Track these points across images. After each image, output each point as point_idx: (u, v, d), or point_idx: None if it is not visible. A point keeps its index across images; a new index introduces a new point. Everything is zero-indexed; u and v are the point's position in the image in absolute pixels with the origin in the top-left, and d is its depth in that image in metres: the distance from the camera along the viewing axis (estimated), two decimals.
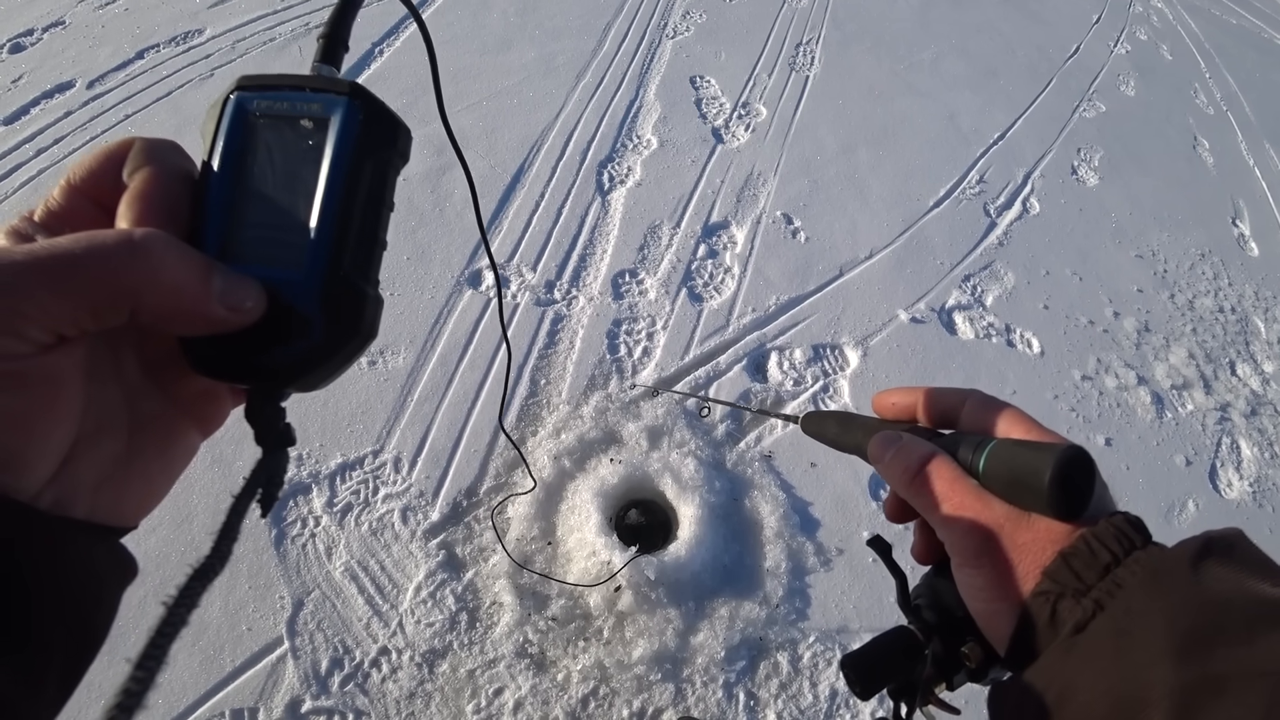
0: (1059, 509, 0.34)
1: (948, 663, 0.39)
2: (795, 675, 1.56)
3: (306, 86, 0.29)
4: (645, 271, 2.23)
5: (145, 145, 0.28)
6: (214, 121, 0.30)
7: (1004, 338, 2.36)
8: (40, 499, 0.25)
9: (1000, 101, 3.44)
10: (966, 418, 0.42)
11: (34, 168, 2.20)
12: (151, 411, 0.30)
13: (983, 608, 0.36)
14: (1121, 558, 0.32)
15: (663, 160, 2.58)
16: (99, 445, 0.27)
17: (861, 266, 2.43)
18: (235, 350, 0.29)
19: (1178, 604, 0.30)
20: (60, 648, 0.25)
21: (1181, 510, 2.08)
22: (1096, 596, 0.32)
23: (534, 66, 2.83)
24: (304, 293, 0.29)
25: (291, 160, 0.29)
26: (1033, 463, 0.34)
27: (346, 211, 0.29)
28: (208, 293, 0.26)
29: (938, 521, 0.38)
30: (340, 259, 0.29)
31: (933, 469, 0.38)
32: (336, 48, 0.32)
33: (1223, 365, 2.56)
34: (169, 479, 0.31)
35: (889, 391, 0.46)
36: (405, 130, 0.31)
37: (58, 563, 0.24)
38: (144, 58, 2.61)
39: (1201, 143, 3.71)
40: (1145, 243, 2.96)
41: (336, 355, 0.30)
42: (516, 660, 1.49)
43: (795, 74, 3.20)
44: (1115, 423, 2.24)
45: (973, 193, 2.87)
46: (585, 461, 1.75)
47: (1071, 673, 0.31)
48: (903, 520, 0.44)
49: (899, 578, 0.45)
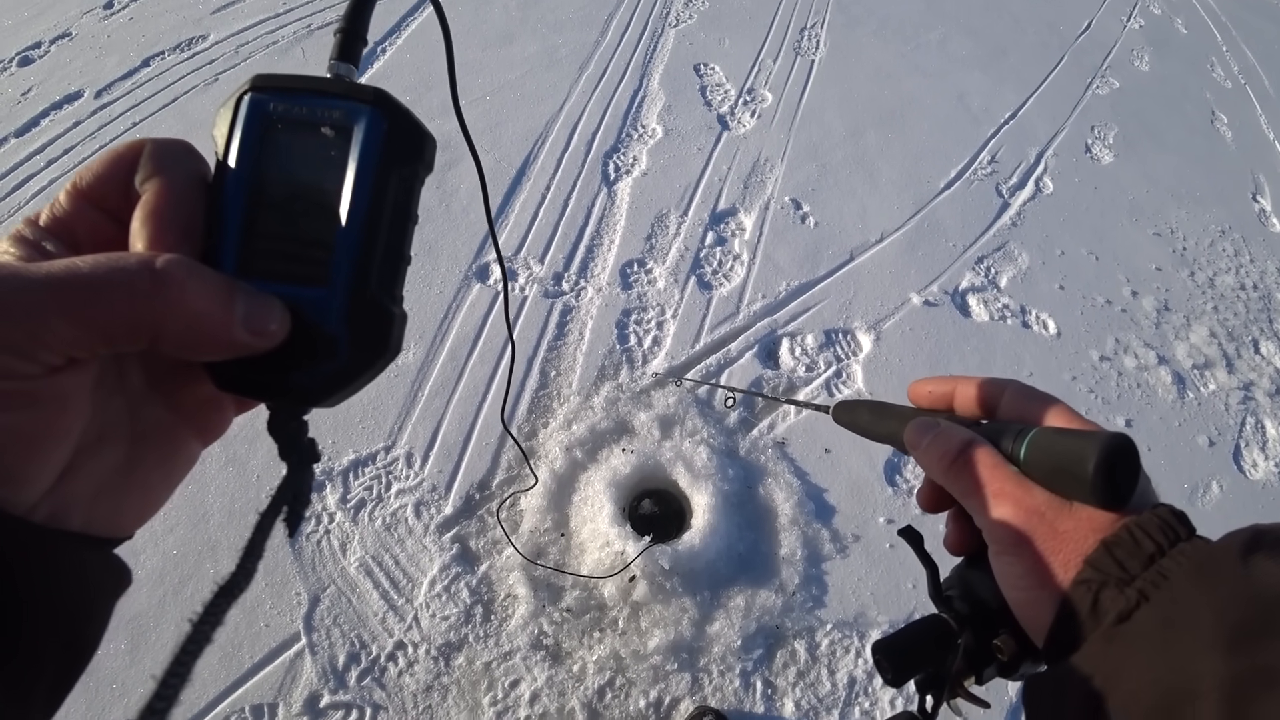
0: (1103, 497, 0.33)
1: (979, 655, 0.39)
2: (813, 663, 1.54)
3: (328, 90, 0.28)
4: (653, 261, 2.22)
5: (156, 149, 0.27)
6: (227, 123, 0.28)
7: (1019, 319, 2.33)
8: (35, 512, 0.24)
9: (1011, 80, 3.38)
10: (1006, 407, 0.41)
11: (45, 178, 2.22)
12: (153, 420, 0.29)
13: (1021, 596, 0.36)
14: (1166, 548, 0.32)
15: (668, 149, 2.56)
16: (99, 456, 0.27)
17: (872, 250, 2.40)
18: (260, 369, 0.28)
19: (1226, 596, 0.29)
20: (51, 659, 0.24)
21: (1205, 492, 2.04)
22: (1141, 586, 0.31)
23: (537, 59, 2.82)
24: (330, 312, 0.28)
25: (313, 170, 0.28)
26: (1077, 450, 0.33)
27: (373, 227, 0.28)
28: (231, 319, 0.25)
29: (976, 508, 0.37)
30: (367, 277, 0.28)
31: (972, 454, 0.37)
32: (355, 43, 0.31)
33: (1245, 343, 2.51)
34: (168, 488, 0.30)
35: (924, 380, 0.45)
36: (432, 141, 0.30)
37: (51, 575, 0.24)
38: (150, 65, 2.63)
39: (1220, 117, 3.63)
40: (1163, 220, 2.90)
41: (362, 374, 0.29)
42: (532, 652, 1.49)
43: (800, 58, 3.16)
44: (1135, 404, 2.20)
45: (984, 173, 2.82)
46: (597, 452, 1.74)
47: (1116, 662, 0.30)
48: (937, 510, 0.43)
49: (931, 568, 0.43)
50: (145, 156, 0.27)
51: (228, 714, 1.37)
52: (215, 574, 1.53)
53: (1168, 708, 0.28)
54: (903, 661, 0.40)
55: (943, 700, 0.40)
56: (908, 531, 0.46)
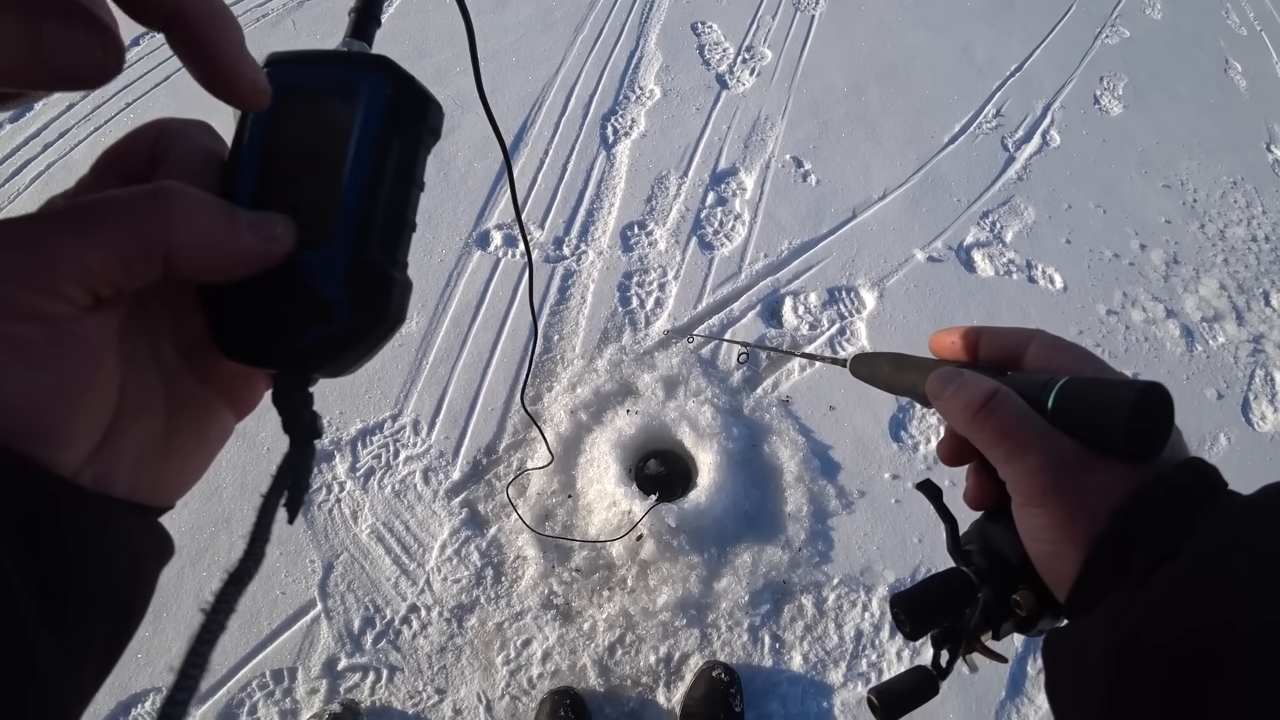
0: (1136, 445, 0.32)
1: (997, 610, 0.38)
2: (820, 617, 1.56)
3: (335, 61, 0.29)
4: (654, 223, 2.19)
5: (176, 126, 0.29)
6: None
7: (1025, 274, 2.30)
8: (81, 475, 0.24)
9: (1016, 31, 3.29)
10: (1032, 358, 0.40)
11: (43, 162, 2.20)
12: (188, 393, 0.30)
13: (1046, 549, 0.35)
14: (1198, 501, 0.31)
15: (667, 110, 2.52)
16: (138, 425, 0.27)
17: (875, 207, 2.37)
18: (261, 332, 0.28)
19: (1259, 548, 0.28)
20: (101, 626, 0.24)
21: (1214, 444, 2.03)
22: (1171, 539, 0.30)
23: (531, 23, 2.77)
24: (329, 274, 0.28)
25: (318, 137, 0.28)
26: (1109, 399, 0.33)
27: (373, 190, 0.28)
28: (237, 225, 0.26)
29: (1001, 458, 0.36)
30: (367, 240, 0.28)
31: (998, 402, 0.36)
32: (368, 22, 0.31)
33: (1256, 296, 2.47)
34: (205, 459, 0.31)
35: (946, 331, 0.44)
36: (436, 105, 0.30)
37: (100, 540, 0.24)
38: (140, 44, 2.59)
39: (1234, 66, 3.53)
40: (1173, 172, 2.84)
41: (363, 340, 0.29)
42: (543, 612, 1.51)
43: (800, 14, 3.08)
44: (1143, 357, 2.18)
45: (989, 127, 2.77)
46: (602, 414, 1.75)
47: (1143, 616, 0.29)
48: (958, 463, 0.42)
49: (950, 523, 0.43)
50: (164, 132, 0.28)
51: (249, 679, 1.40)
52: (230, 544, 1.56)
53: (1198, 660, 0.27)
54: (921, 615, 0.39)
55: (958, 655, 0.40)
56: (926, 485, 0.45)
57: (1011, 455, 0.35)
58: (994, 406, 0.36)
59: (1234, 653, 0.25)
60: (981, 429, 0.37)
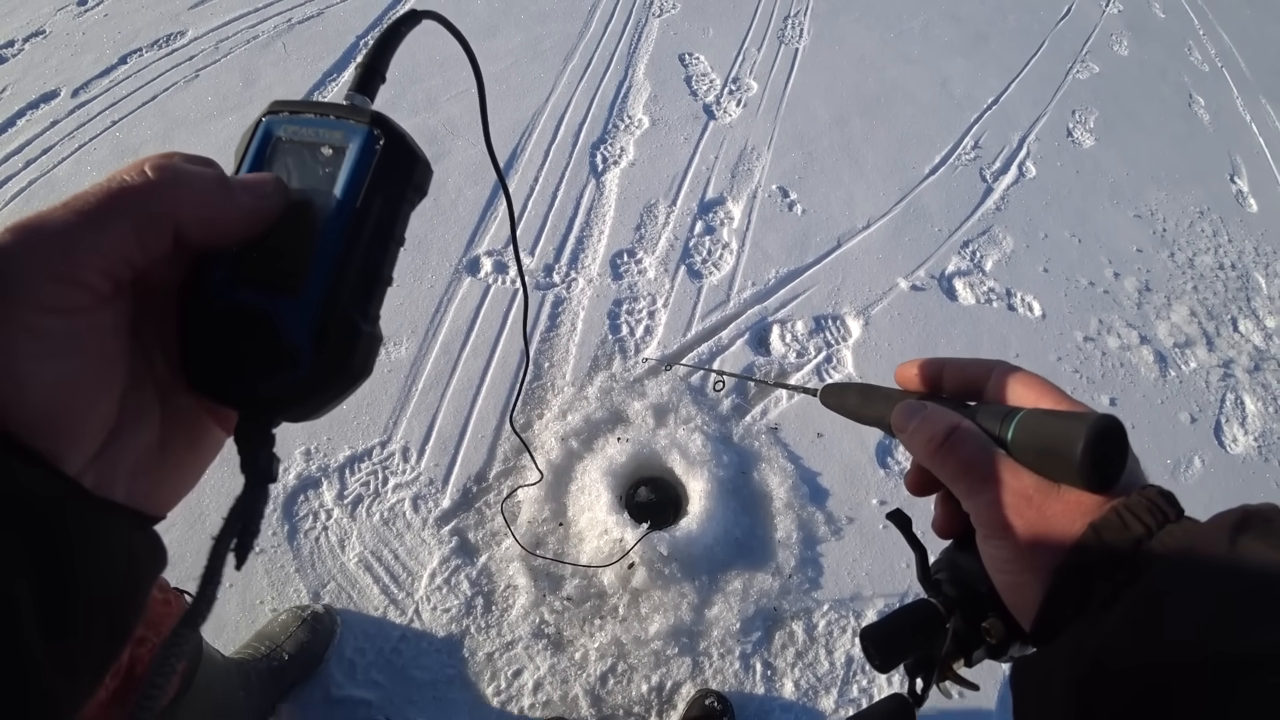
0: (1091, 479, 0.33)
1: (968, 638, 0.39)
2: (811, 644, 1.57)
3: (332, 114, 0.30)
4: (643, 251, 2.22)
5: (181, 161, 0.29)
6: (244, 144, 0.30)
7: (1005, 302, 2.36)
8: (83, 477, 0.25)
9: (993, 66, 3.41)
10: (992, 389, 0.41)
11: (24, 179, 2.18)
12: (180, 406, 0.30)
13: (1009, 580, 0.35)
14: (1155, 530, 0.31)
15: (655, 139, 2.56)
16: (136, 432, 0.28)
17: (859, 236, 2.42)
18: (226, 371, 0.29)
19: (1214, 577, 0.29)
20: (99, 634, 0.25)
21: (1188, 467, 2.08)
22: (1130, 569, 0.31)
23: (521, 51, 2.81)
24: (299, 322, 0.28)
25: (306, 187, 0.29)
26: (1064, 432, 0.33)
27: (350, 244, 0.29)
28: (232, 189, 0.27)
29: (963, 491, 0.37)
30: (338, 292, 0.28)
31: (959, 438, 0.37)
32: (372, 78, 0.32)
33: (1225, 322, 2.56)
34: (198, 471, 0.32)
35: (911, 363, 0.45)
36: (424, 164, 0.31)
37: (102, 543, 0.24)
38: (127, 62, 2.59)
39: (1197, 100, 3.68)
40: (1143, 202, 2.94)
41: (326, 390, 0.29)
42: (534, 641, 1.50)
43: (785, 46, 3.17)
44: (1119, 382, 2.24)
45: (968, 159, 2.85)
46: (593, 442, 1.75)
47: (1103, 644, 0.29)
48: (925, 493, 0.43)
49: (919, 552, 0.44)
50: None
51: None
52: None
53: (1155, 689, 0.27)
54: (889, 648, 0.40)
55: (932, 683, 0.41)
56: (896, 515, 0.46)
57: (973, 489, 0.36)
58: (955, 441, 0.37)
59: (1189, 685, 0.26)
60: (944, 463, 0.38)
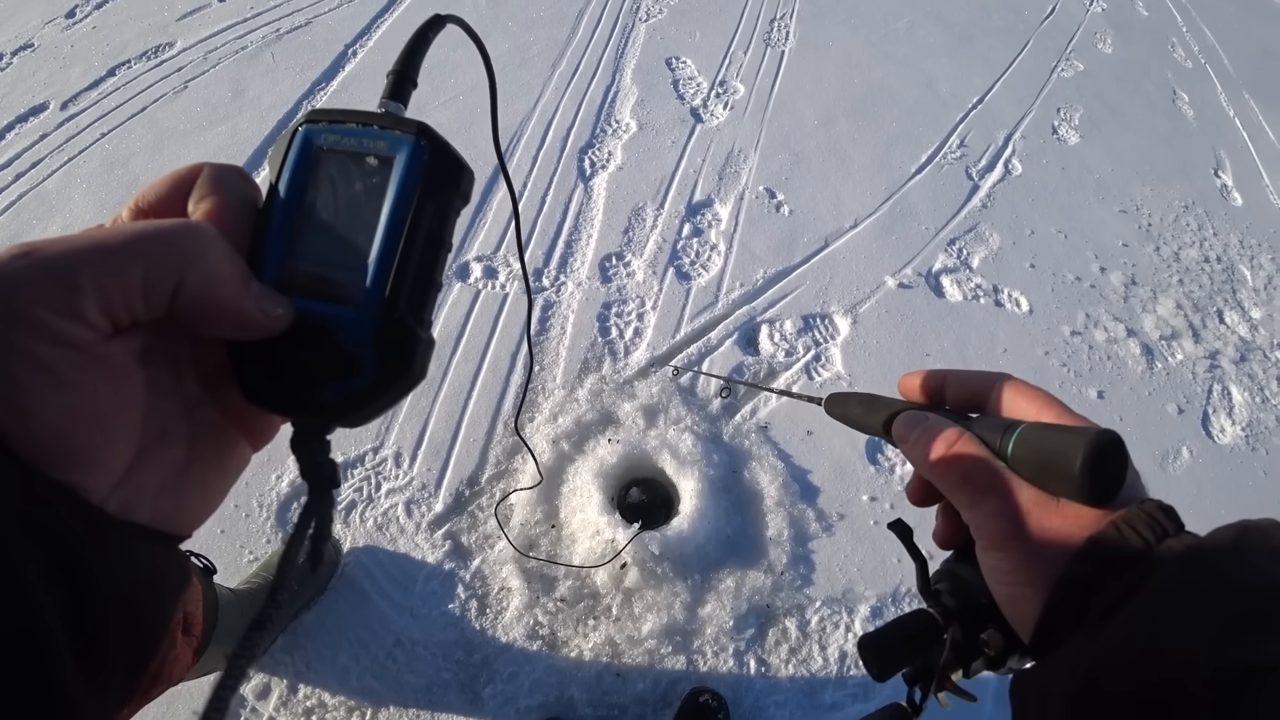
0: (1090, 494, 0.33)
1: (966, 649, 0.39)
2: (804, 640, 1.58)
3: (374, 123, 0.30)
4: (632, 254, 2.24)
5: (213, 172, 0.29)
6: (282, 153, 0.30)
7: (992, 298, 2.38)
8: (108, 503, 0.25)
9: (978, 65, 3.44)
10: (994, 401, 0.41)
11: (14, 192, 2.19)
12: (208, 423, 0.30)
13: (1008, 592, 0.36)
14: (1154, 544, 0.32)
15: (643, 143, 2.58)
16: (161, 453, 0.28)
17: (847, 236, 2.44)
18: (286, 382, 0.29)
19: (1214, 590, 0.29)
20: (125, 653, 0.25)
21: (1176, 458, 2.10)
22: (1128, 582, 0.31)
23: (509, 58, 2.83)
24: (357, 331, 0.29)
25: (354, 196, 0.29)
26: (1064, 446, 0.33)
27: (406, 252, 0.29)
28: (246, 290, 0.27)
29: (963, 503, 0.37)
30: (396, 299, 0.29)
31: (959, 450, 0.37)
32: (405, 85, 0.33)
33: (1210, 314, 2.58)
34: (223, 489, 0.32)
35: (914, 374, 0.46)
36: (469, 172, 0.32)
37: (126, 566, 0.25)
38: (116, 74, 2.60)
39: (1181, 96, 3.72)
40: (1129, 197, 2.97)
41: (385, 395, 0.30)
42: (529, 642, 1.51)
43: (771, 49, 3.19)
44: (1106, 375, 2.26)
45: (954, 157, 2.87)
46: (584, 444, 1.76)
47: (1101, 658, 0.29)
48: (925, 503, 0.43)
49: (920, 562, 0.44)
50: (203, 179, 0.29)
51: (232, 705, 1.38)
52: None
53: (1156, 704, 0.27)
54: (887, 657, 0.40)
55: (930, 693, 0.41)
56: (897, 525, 0.46)
57: (974, 501, 0.37)
58: (956, 453, 0.38)
59: (1189, 700, 0.26)
60: (945, 475, 0.38)
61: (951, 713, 0.45)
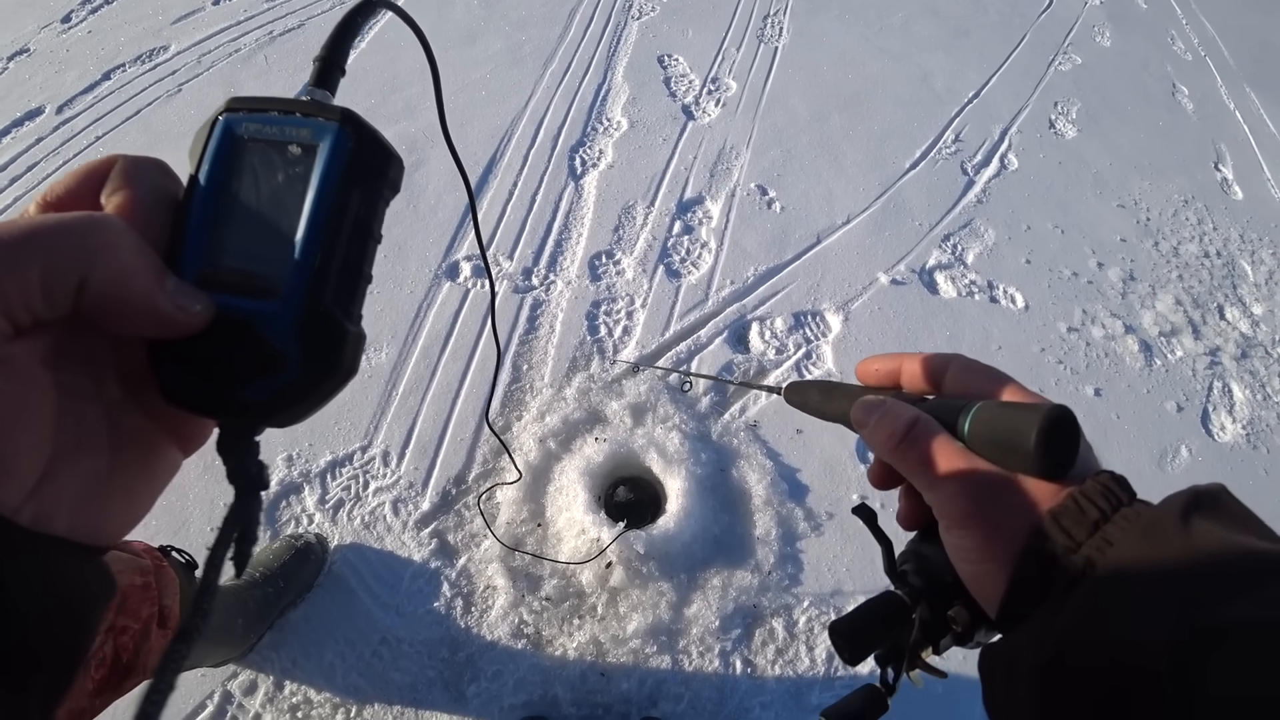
0: (1044, 468, 0.34)
1: (935, 627, 0.40)
2: (791, 640, 1.57)
3: (297, 110, 0.29)
4: (621, 252, 2.23)
5: (127, 165, 0.28)
6: (201, 143, 0.29)
7: (987, 294, 2.36)
8: (19, 514, 0.24)
9: (973, 60, 3.41)
10: (950, 382, 0.42)
11: (9, 196, 2.20)
12: (133, 428, 0.29)
13: (972, 569, 0.36)
14: (1110, 514, 0.32)
15: (634, 141, 2.57)
16: (78, 461, 0.27)
17: (839, 232, 2.42)
18: (207, 381, 0.28)
19: (1171, 557, 0.30)
20: (47, 668, 0.24)
21: (1175, 456, 2.08)
22: (1087, 553, 0.32)
23: (501, 57, 2.83)
24: (280, 326, 0.27)
25: (276, 187, 0.28)
26: (1017, 423, 0.34)
27: (330, 243, 0.28)
28: (159, 285, 0.26)
29: (924, 484, 0.38)
30: (321, 292, 0.28)
31: (917, 432, 0.38)
32: (332, 71, 0.32)
33: (1210, 310, 2.55)
34: (151, 496, 0.30)
35: (872, 359, 0.46)
36: (398, 160, 0.31)
37: (44, 580, 0.24)
38: (111, 78, 2.61)
39: (1180, 89, 3.68)
40: (1127, 192, 2.94)
41: (313, 392, 0.29)
42: (514, 641, 1.51)
43: (764, 46, 3.18)
44: (1104, 372, 2.24)
45: (949, 152, 2.85)
46: (571, 442, 1.76)
47: (1065, 629, 0.30)
48: (888, 486, 0.44)
49: (885, 544, 0.45)
50: (116, 171, 0.28)
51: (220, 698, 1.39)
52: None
53: (1118, 670, 0.28)
54: (857, 640, 0.41)
55: (902, 672, 0.42)
56: (861, 509, 0.47)
57: (933, 482, 0.37)
58: (914, 436, 0.38)
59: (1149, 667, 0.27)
60: (903, 457, 0.39)
61: None
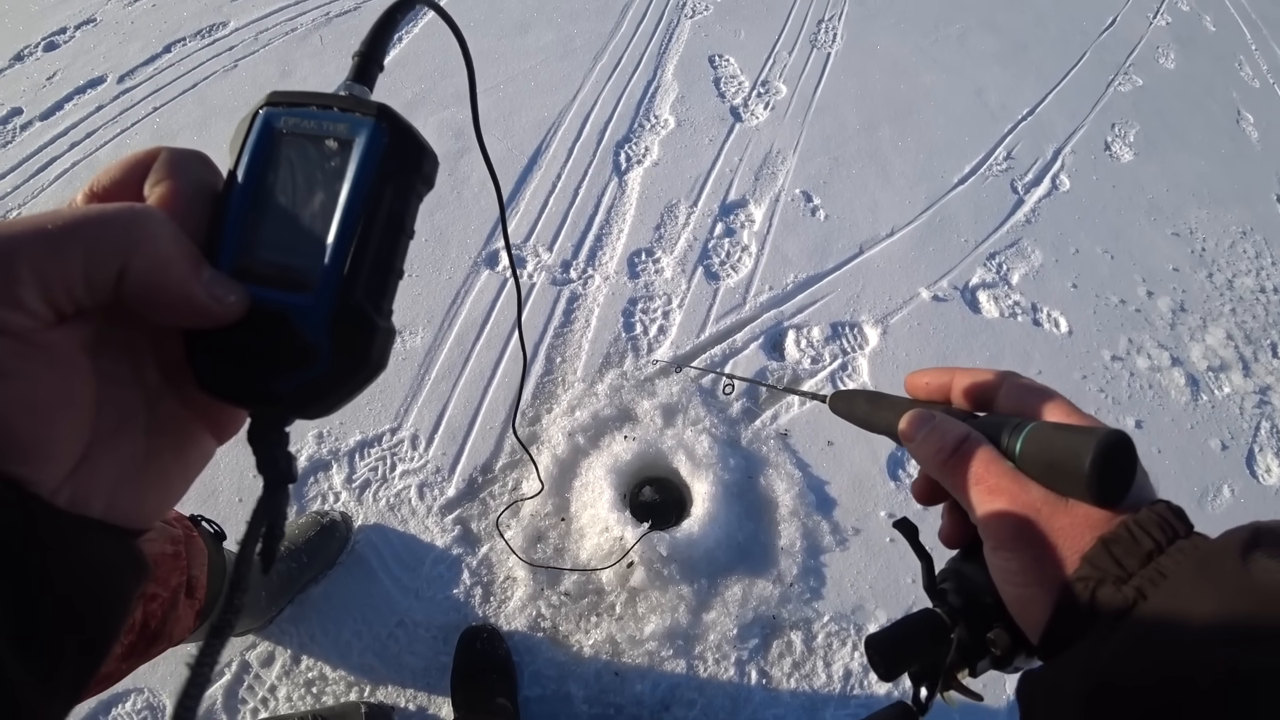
0: (1099, 494, 0.33)
1: (973, 649, 0.39)
2: (809, 654, 1.55)
3: (335, 105, 0.29)
4: (661, 250, 2.22)
5: (170, 157, 0.28)
6: (241, 136, 0.29)
7: (1030, 317, 2.30)
8: (58, 496, 0.25)
9: (1030, 76, 3.33)
10: (1003, 400, 0.41)
11: (68, 160, 2.26)
12: (169, 415, 0.30)
13: (1017, 593, 0.35)
14: (1165, 545, 0.31)
15: (680, 140, 2.56)
16: (116, 445, 0.27)
17: (882, 244, 2.38)
18: (240, 371, 0.28)
19: (1227, 593, 0.28)
20: (75, 650, 0.25)
21: (1216, 495, 2.01)
22: (1139, 584, 0.31)
23: (552, 49, 2.83)
24: (313, 319, 0.28)
25: (312, 181, 0.28)
26: (1073, 446, 0.33)
27: (364, 238, 0.28)
28: (196, 275, 0.26)
29: (971, 503, 0.37)
30: (353, 287, 0.28)
31: (968, 449, 0.37)
32: (370, 67, 0.32)
33: (1263, 347, 2.46)
34: (185, 482, 0.31)
35: (922, 371, 0.45)
36: (432, 155, 0.31)
37: (77, 561, 0.24)
38: (171, 51, 2.67)
39: (1246, 117, 3.56)
40: (1182, 220, 2.85)
41: (342, 386, 0.29)
42: (530, 635, 1.51)
43: (816, 51, 3.14)
44: (1147, 404, 2.17)
45: (1000, 169, 2.79)
46: (599, 438, 1.75)
47: (1112, 660, 0.29)
48: (932, 503, 0.43)
49: (925, 561, 0.44)
50: (159, 163, 0.28)
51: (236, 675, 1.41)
52: None
53: (1167, 706, 0.27)
54: (895, 657, 0.40)
55: (936, 692, 0.41)
56: (903, 524, 0.46)
57: (981, 501, 0.36)
58: (964, 453, 0.37)
59: (1202, 701, 0.26)
60: (952, 475, 0.38)
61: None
